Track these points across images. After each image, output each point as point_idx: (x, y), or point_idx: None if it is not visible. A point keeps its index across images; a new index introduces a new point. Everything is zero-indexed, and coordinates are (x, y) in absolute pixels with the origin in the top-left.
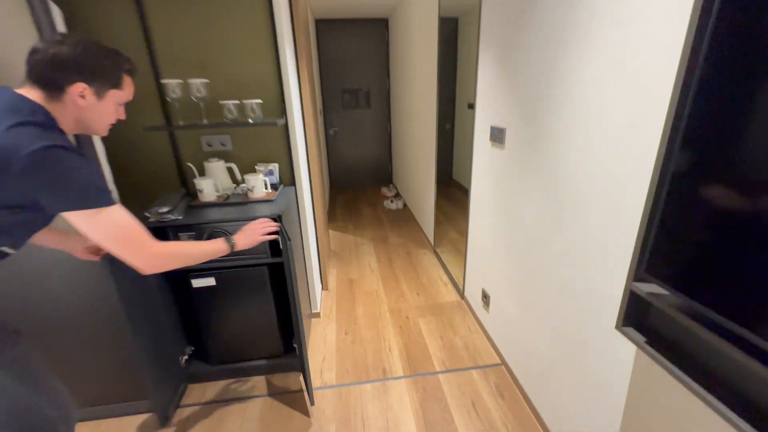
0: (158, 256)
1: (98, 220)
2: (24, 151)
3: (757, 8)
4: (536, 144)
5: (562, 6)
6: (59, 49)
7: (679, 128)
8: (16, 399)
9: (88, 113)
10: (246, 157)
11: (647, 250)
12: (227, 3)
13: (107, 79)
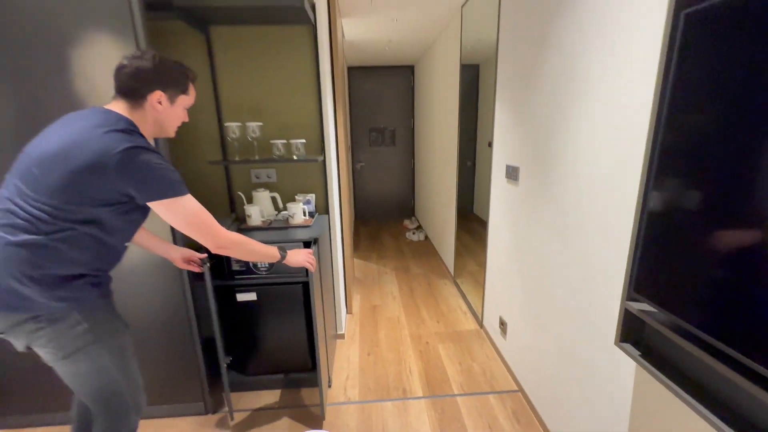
0: (225, 239)
1: (176, 207)
2: (114, 151)
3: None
4: (546, 181)
5: (566, 65)
6: (141, 63)
7: (653, 167)
8: (110, 381)
9: (164, 117)
10: (287, 187)
11: (635, 272)
12: (280, 59)
13: (178, 86)
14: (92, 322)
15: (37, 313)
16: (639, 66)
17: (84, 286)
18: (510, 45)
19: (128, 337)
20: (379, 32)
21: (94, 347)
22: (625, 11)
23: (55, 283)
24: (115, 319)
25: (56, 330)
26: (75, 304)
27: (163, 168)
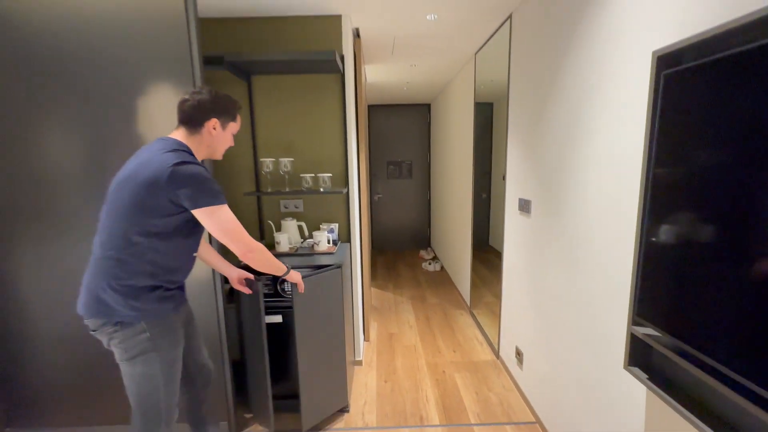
0: (250, 248)
1: (216, 215)
2: (167, 166)
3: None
4: (556, 214)
5: (571, 111)
6: (201, 97)
7: (646, 203)
8: (154, 390)
9: (216, 141)
10: (313, 217)
11: (637, 297)
12: (310, 102)
13: (229, 115)
14: (155, 332)
15: (115, 319)
16: (631, 115)
17: (157, 299)
18: (520, 89)
19: (180, 352)
20: (399, 76)
21: (151, 355)
22: (620, 69)
23: (132, 294)
24: (176, 332)
25: (125, 334)
26: (144, 314)
27: (207, 180)
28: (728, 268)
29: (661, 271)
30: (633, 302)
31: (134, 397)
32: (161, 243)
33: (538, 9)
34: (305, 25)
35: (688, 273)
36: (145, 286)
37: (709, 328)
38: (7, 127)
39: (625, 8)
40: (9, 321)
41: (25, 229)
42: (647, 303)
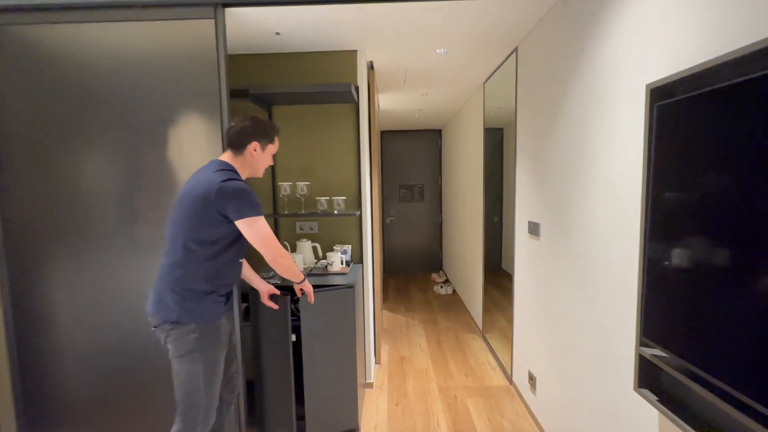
0: (280, 254)
1: (256, 226)
2: (216, 182)
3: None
4: (564, 236)
5: (575, 138)
6: (244, 124)
7: (647, 227)
8: (196, 390)
9: (257, 161)
10: (327, 238)
11: (643, 318)
12: (326, 130)
13: (267, 137)
14: (203, 334)
15: (172, 318)
16: (630, 143)
17: (210, 303)
18: (526, 117)
19: (223, 358)
20: (411, 103)
21: (196, 355)
22: (617, 100)
23: (189, 297)
24: (220, 338)
25: (179, 333)
26: (197, 315)
27: (249, 194)
28: (727, 287)
29: (665, 291)
30: (639, 323)
31: (178, 394)
32: (211, 250)
33: (541, 43)
34: (323, 60)
35: (690, 293)
36: (201, 290)
37: (713, 348)
38: (53, 151)
39: (622, 44)
40: (42, 331)
41: (63, 244)
42: (653, 323)
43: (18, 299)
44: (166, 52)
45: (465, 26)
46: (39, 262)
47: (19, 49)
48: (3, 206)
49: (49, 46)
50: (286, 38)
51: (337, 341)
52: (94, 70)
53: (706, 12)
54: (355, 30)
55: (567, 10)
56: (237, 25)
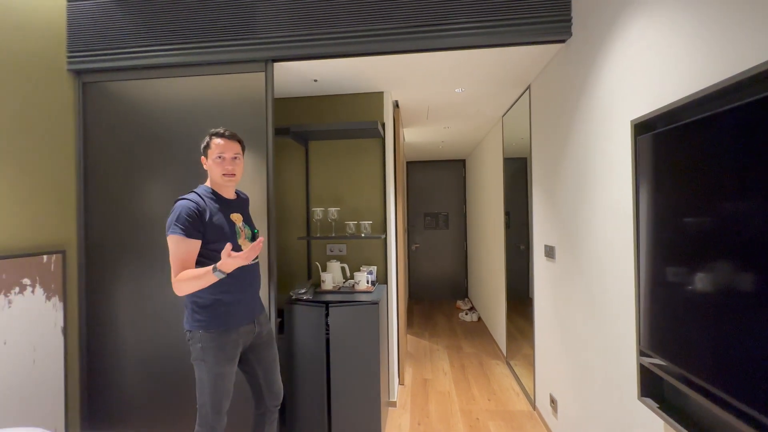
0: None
1: (170, 244)
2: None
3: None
4: (575, 258)
5: (580, 168)
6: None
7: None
8: (203, 394)
9: (210, 172)
10: (354, 260)
11: (640, 329)
12: (355, 162)
13: (205, 146)
14: (206, 345)
15: (188, 329)
16: (621, 172)
17: (215, 313)
18: (540, 147)
19: (229, 369)
20: (434, 136)
21: (201, 363)
22: (612, 134)
23: (195, 309)
24: (224, 351)
25: (192, 342)
26: (201, 326)
27: (176, 212)
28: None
29: (658, 303)
30: (638, 333)
31: (197, 394)
32: (201, 262)
33: (550, 82)
34: (353, 101)
35: (681, 303)
36: (204, 302)
37: (707, 354)
38: (125, 185)
39: (613, 83)
40: (105, 342)
41: (129, 263)
42: (651, 334)
43: (90, 309)
44: (223, 100)
45: (482, 69)
46: (108, 278)
47: (103, 101)
48: (87, 231)
49: (127, 98)
50: (322, 83)
51: (362, 355)
52: (162, 116)
53: (682, 57)
54: (382, 75)
55: (570, 54)
56: (281, 74)
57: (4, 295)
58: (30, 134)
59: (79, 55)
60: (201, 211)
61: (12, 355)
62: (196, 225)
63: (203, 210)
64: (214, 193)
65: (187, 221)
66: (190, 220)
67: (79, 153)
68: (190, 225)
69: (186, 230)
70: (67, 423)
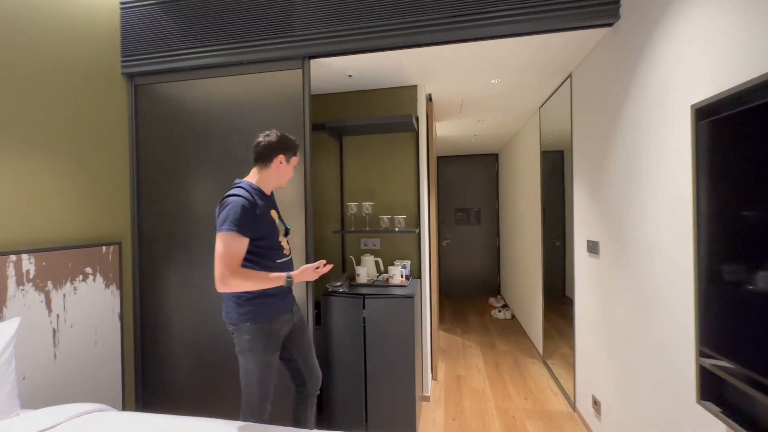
0: (230, 273)
1: (219, 241)
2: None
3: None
4: (623, 254)
5: (629, 159)
6: (270, 138)
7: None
8: (250, 383)
9: (281, 173)
10: (388, 254)
11: (701, 328)
12: (389, 156)
13: (291, 151)
14: (253, 336)
15: (233, 322)
16: (677, 161)
17: (260, 306)
18: (582, 139)
19: (275, 357)
20: (467, 130)
21: (249, 353)
22: (667, 120)
23: (242, 303)
24: (270, 340)
25: (237, 334)
26: (248, 318)
27: (232, 209)
28: None
29: (723, 301)
30: (698, 333)
31: (242, 384)
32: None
33: (595, 68)
34: (387, 95)
35: (747, 301)
36: (249, 295)
37: None
38: (173, 181)
39: (668, 68)
40: (156, 329)
41: (177, 255)
42: (713, 333)
43: (143, 297)
44: (262, 98)
45: (520, 58)
46: (159, 268)
47: (153, 102)
48: (140, 224)
49: (174, 99)
50: (357, 79)
51: (398, 348)
52: (206, 114)
53: (753, 34)
54: (417, 68)
55: (617, 39)
56: (317, 71)
57: (70, 282)
58: (89, 135)
59: (132, 59)
60: (253, 209)
61: (78, 337)
62: (249, 223)
63: (255, 207)
64: (259, 190)
65: (243, 219)
66: (245, 217)
67: (132, 152)
68: (245, 222)
69: (240, 228)
70: (124, 400)
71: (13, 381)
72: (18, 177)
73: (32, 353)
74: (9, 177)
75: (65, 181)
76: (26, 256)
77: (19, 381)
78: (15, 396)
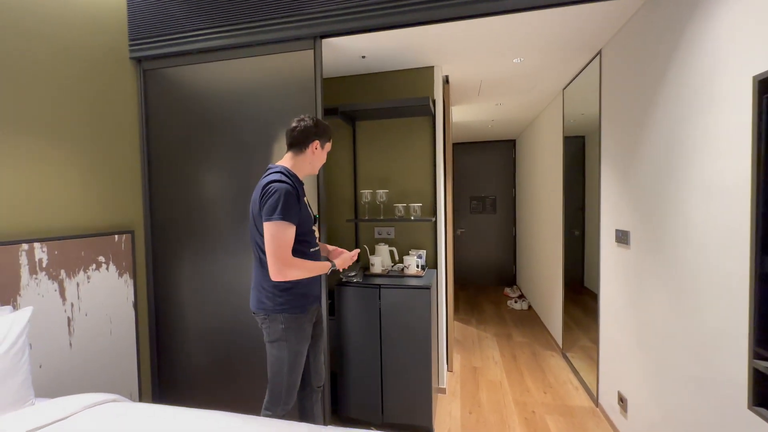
0: (286, 265)
1: (270, 231)
2: (262, 185)
3: None
4: (658, 245)
5: (665, 144)
6: (306, 123)
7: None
8: (280, 372)
9: (317, 159)
10: (403, 243)
11: (756, 327)
12: (404, 142)
13: (326, 137)
14: (287, 326)
15: (267, 312)
16: (735, 142)
17: (294, 297)
18: (612, 121)
19: (306, 347)
20: (484, 114)
21: (283, 343)
22: (718, 96)
23: (278, 294)
24: (303, 330)
25: (269, 324)
26: (283, 309)
27: (281, 198)
28: None
29: None
30: (752, 333)
31: (269, 373)
32: None
33: (629, 43)
34: (402, 77)
35: None
36: (284, 286)
37: None
38: (184, 168)
39: (722, 38)
40: (170, 318)
41: (187, 245)
42: None
43: (157, 286)
44: (273, 80)
45: (544, 34)
46: (172, 257)
47: (162, 87)
48: (152, 212)
49: (184, 83)
50: (370, 60)
51: (414, 339)
52: (215, 99)
53: None
54: (434, 46)
55: (654, 11)
56: (330, 52)
57: (83, 271)
58: (99, 122)
59: (140, 42)
60: (297, 195)
61: (92, 325)
62: (296, 210)
63: (297, 193)
64: (296, 176)
65: (290, 206)
66: (292, 205)
67: (143, 138)
68: (292, 210)
69: (290, 216)
70: (141, 390)
71: (26, 371)
72: (27, 165)
73: (48, 342)
74: (19, 165)
75: (76, 170)
76: (38, 245)
77: (36, 369)
78: (29, 386)
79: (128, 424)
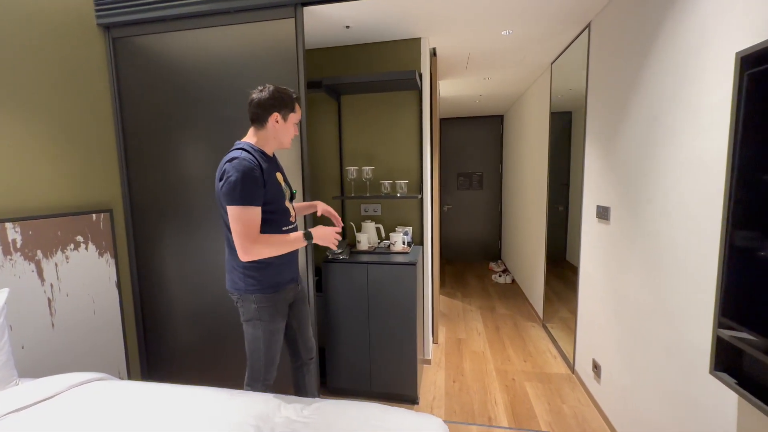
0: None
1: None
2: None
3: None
4: (637, 220)
5: (650, 118)
6: (261, 95)
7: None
8: (257, 350)
9: (281, 132)
10: (389, 220)
11: (722, 298)
12: (391, 117)
13: (288, 107)
14: (261, 305)
15: (239, 291)
16: (714, 118)
17: (264, 278)
18: (598, 96)
19: (282, 325)
20: (472, 89)
21: (257, 322)
22: (701, 72)
23: (249, 274)
24: (277, 309)
25: (243, 303)
26: (256, 288)
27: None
28: None
29: (749, 271)
30: (718, 304)
31: (247, 352)
32: None
33: (618, 16)
34: (388, 49)
35: None
36: (259, 265)
37: None
38: (163, 144)
39: (707, 13)
40: (155, 296)
41: (169, 223)
42: (736, 304)
43: (140, 264)
44: (252, 51)
45: (535, 4)
46: (155, 234)
47: (134, 57)
48: (131, 190)
49: (157, 53)
50: (355, 30)
51: (400, 314)
52: (192, 71)
53: None
54: (421, 15)
55: None
56: (312, 21)
57: (61, 251)
58: (69, 93)
59: (106, 8)
60: (260, 174)
61: (75, 306)
62: (257, 189)
63: (260, 170)
64: (262, 152)
65: (250, 188)
66: (251, 186)
67: (117, 112)
68: (253, 191)
69: (250, 199)
70: (129, 369)
71: (7, 351)
72: None
73: (28, 323)
74: None
75: (49, 146)
76: (10, 225)
77: (18, 350)
78: (12, 366)
79: (113, 401)
